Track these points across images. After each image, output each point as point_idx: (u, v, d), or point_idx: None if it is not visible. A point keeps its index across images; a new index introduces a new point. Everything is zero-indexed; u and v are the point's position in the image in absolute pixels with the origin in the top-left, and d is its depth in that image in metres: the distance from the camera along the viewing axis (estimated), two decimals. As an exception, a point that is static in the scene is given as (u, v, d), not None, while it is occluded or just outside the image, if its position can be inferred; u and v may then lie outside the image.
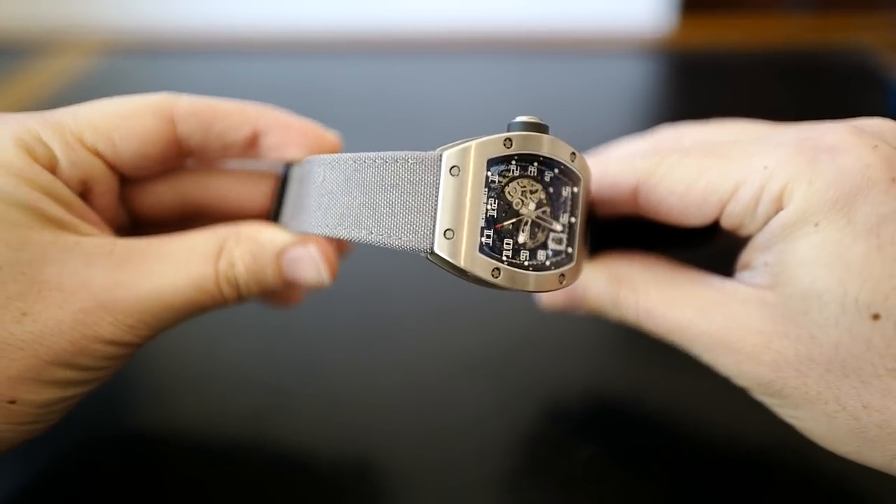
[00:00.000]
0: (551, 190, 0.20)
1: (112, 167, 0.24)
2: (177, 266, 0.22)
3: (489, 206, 0.19)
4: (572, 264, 0.20)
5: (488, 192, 0.19)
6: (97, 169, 0.23)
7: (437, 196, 0.19)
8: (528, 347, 0.32)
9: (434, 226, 0.19)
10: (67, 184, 0.22)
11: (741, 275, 0.22)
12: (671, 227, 0.24)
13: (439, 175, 0.19)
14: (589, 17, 0.72)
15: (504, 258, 0.19)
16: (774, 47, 0.67)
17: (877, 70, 0.60)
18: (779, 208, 0.20)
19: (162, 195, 0.26)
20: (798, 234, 0.19)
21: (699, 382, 0.24)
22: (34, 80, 0.64)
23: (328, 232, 0.21)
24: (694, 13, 0.74)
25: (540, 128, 0.20)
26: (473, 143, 0.19)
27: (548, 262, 0.20)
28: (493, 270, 0.19)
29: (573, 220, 0.20)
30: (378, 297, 0.35)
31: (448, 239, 0.19)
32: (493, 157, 0.19)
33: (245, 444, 0.28)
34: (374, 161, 0.20)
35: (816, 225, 0.19)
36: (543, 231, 0.20)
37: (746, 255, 0.22)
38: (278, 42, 0.72)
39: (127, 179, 0.25)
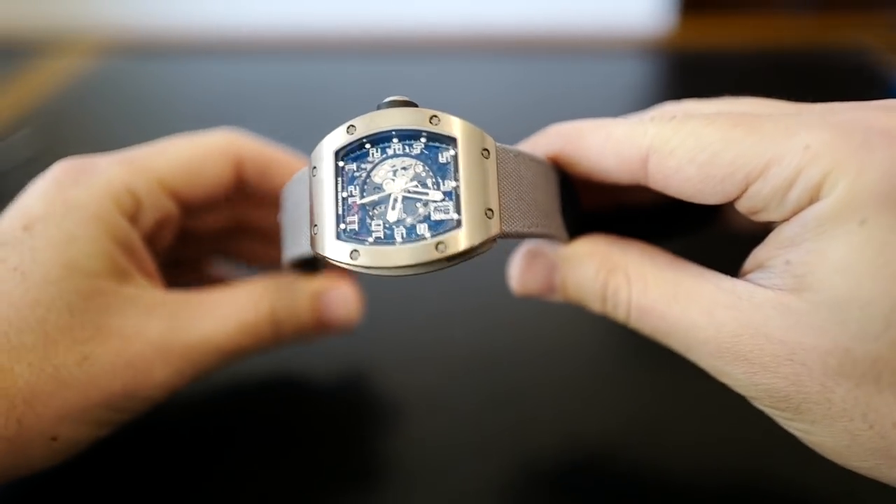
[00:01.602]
0: (428, 161, 0.19)
1: (182, 204, 0.26)
2: (224, 313, 0.24)
3: (346, 194, 0.19)
4: (459, 230, 0.18)
5: (344, 181, 0.19)
6: (171, 209, 0.25)
7: (309, 199, 0.20)
8: (528, 352, 0.32)
9: (309, 227, 0.19)
10: (145, 226, 0.24)
11: (753, 275, 0.19)
12: (663, 213, 0.23)
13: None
14: (589, 17, 0.72)
15: (373, 240, 0.18)
16: (774, 47, 0.67)
17: (877, 70, 0.60)
18: (814, 198, 0.17)
19: (218, 216, 0.29)
20: (838, 232, 0.16)
21: (716, 387, 0.24)
22: (34, 80, 0.64)
23: (283, 254, 0.23)
24: (694, 13, 0.73)
25: (404, 104, 0.19)
26: (321, 141, 0.19)
27: (428, 234, 0.18)
28: (351, 252, 0.18)
29: (455, 184, 0.18)
30: (379, 299, 0.35)
31: (314, 235, 0.19)
32: (341, 146, 0.19)
33: (242, 437, 0.28)
34: (295, 181, 0.22)
35: (862, 223, 0.16)
36: (425, 205, 0.18)
37: (762, 253, 0.19)
38: (278, 42, 0.72)
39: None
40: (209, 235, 0.30)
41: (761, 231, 0.19)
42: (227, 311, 0.24)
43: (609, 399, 0.29)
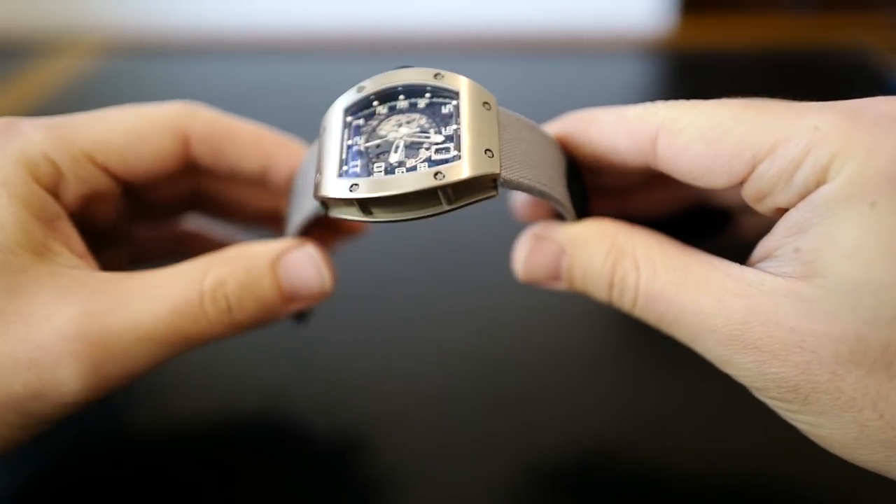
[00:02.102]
0: (432, 115, 0.19)
1: (119, 180, 0.23)
2: (155, 292, 0.20)
3: (351, 143, 0.19)
4: (458, 162, 0.18)
5: (350, 132, 0.19)
6: (104, 183, 0.22)
7: (317, 161, 0.20)
8: (530, 353, 0.32)
9: (315, 178, 0.20)
10: (70, 200, 0.21)
11: (762, 264, 0.19)
12: (672, 221, 0.22)
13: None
14: (589, 17, 0.72)
15: (374, 177, 0.18)
16: (774, 47, 0.67)
17: (877, 70, 0.60)
18: (821, 180, 0.17)
19: (177, 187, 0.26)
20: (847, 215, 0.16)
21: (717, 387, 0.23)
22: (34, 80, 0.64)
23: (290, 222, 0.22)
24: (694, 13, 0.73)
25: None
26: (333, 103, 0.20)
27: (427, 169, 0.18)
28: (350, 186, 0.18)
29: (456, 126, 0.19)
30: (379, 302, 0.35)
31: (318, 181, 0.19)
32: (350, 104, 0.20)
33: (242, 445, 0.28)
34: (305, 160, 0.22)
35: (873, 205, 0.16)
36: (427, 148, 0.19)
37: (770, 242, 0.19)
38: (278, 42, 0.72)
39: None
40: (172, 203, 0.27)
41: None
42: (163, 291, 0.20)
43: (611, 399, 0.29)
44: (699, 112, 0.19)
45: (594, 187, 0.24)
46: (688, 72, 0.65)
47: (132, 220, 0.26)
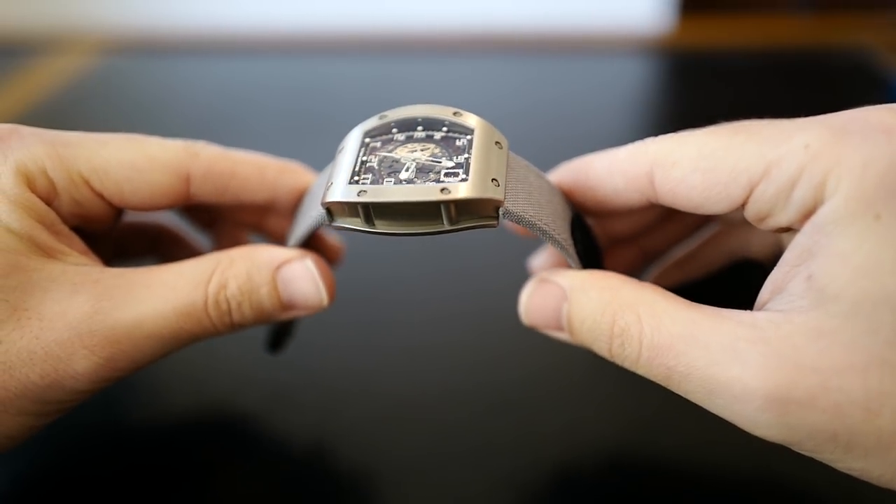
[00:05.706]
0: (446, 144, 0.20)
1: (114, 207, 0.23)
2: (163, 292, 0.21)
3: (366, 159, 0.20)
4: (465, 181, 0.19)
5: (366, 150, 0.21)
6: (98, 207, 0.23)
7: (328, 177, 0.21)
8: (528, 358, 0.32)
9: (324, 190, 0.20)
10: (62, 214, 0.22)
11: (773, 303, 0.18)
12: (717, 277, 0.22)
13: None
14: (589, 17, 0.72)
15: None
16: (774, 47, 0.67)
17: (877, 70, 0.60)
18: (819, 197, 0.16)
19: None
20: (854, 230, 0.16)
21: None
22: (34, 80, 0.64)
23: (293, 233, 0.23)
24: (694, 13, 0.73)
25: None
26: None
27: (434, 184, 0.19)
28: (359, 192, 0.19)
29: (467, 156, 0.20)
30: (379, 303, 0.35)
31: (327, 190, 0.20)
32: (371, 128, 0.21)
33: (242, 445, 0.28)
34: (317, 183, 0.23)
35: (877, 217, 0.15)
36: (437, 172, 0.19)
37: (778, 274, 0.18)
38: (278, 42, 0.72)
39: None
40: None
41: None
42: (167, 291, 0.21)
43: (612, 404, 0.29)
44: (690, 144, 0.19)
45: (611, 238, 0.24)
46: (688, 72, 0.65)
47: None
